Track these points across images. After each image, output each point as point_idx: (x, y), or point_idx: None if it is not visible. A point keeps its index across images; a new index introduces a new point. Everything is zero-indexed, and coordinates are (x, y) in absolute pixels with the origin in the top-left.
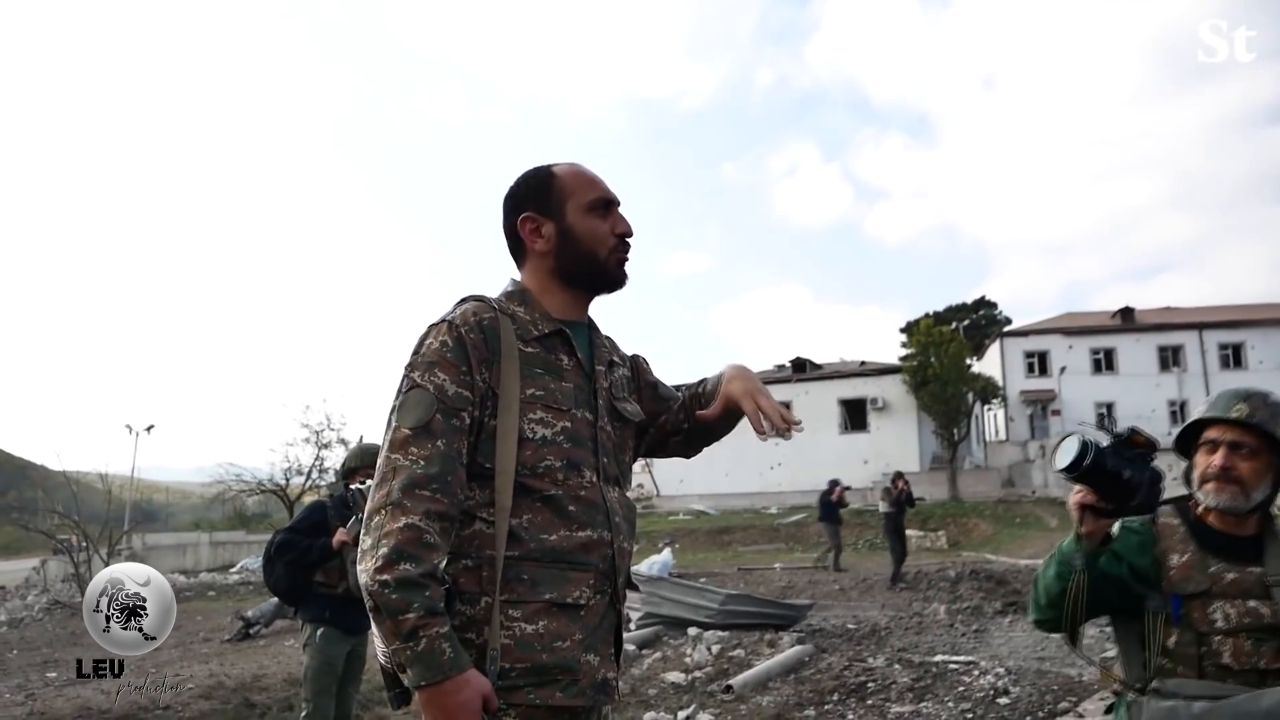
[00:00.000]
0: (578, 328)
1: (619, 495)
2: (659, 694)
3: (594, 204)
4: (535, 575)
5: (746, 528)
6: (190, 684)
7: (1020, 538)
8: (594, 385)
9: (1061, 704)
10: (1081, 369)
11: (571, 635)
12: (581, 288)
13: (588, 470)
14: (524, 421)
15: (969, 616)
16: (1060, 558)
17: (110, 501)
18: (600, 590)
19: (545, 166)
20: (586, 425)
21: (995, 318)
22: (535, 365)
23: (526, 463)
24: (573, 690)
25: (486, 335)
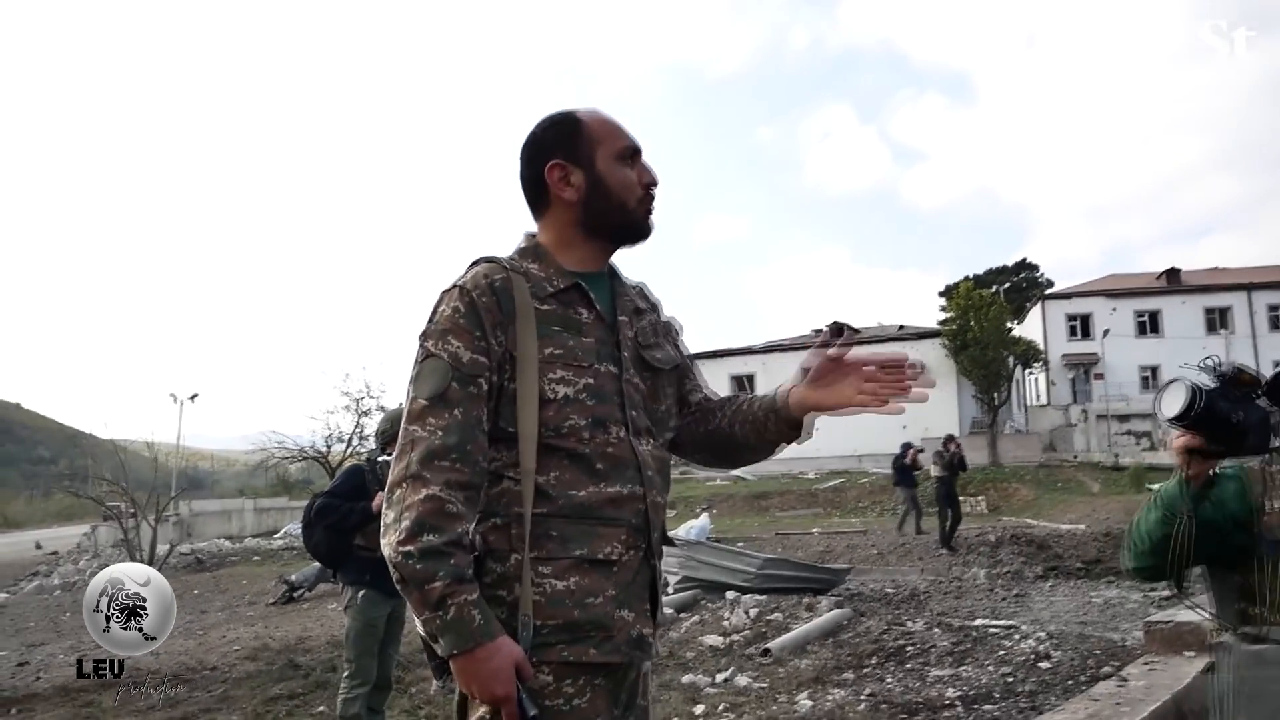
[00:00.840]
0: (597, 279)
1: (652, 448)
2: (697, 657)
3: (623, 152)
4: (565, 532)
5: (784, 493)
6: (237, 646)
7: (1062, 503)
8: (617, 336)
9: (1104, 668)
10: (1125, 331)
11: (604, 591)
12: (606, 239)
13: (614, 426)
14: (544, 382)
15: (1009, 581)
16: (1164, 502)
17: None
18: (633, 546)
19: (569, 111)
20: (611, 379)
21: (1037, 280)
22: (552, 323)
23: (549, 423)
24: (607, 646)
25: (499, 297)
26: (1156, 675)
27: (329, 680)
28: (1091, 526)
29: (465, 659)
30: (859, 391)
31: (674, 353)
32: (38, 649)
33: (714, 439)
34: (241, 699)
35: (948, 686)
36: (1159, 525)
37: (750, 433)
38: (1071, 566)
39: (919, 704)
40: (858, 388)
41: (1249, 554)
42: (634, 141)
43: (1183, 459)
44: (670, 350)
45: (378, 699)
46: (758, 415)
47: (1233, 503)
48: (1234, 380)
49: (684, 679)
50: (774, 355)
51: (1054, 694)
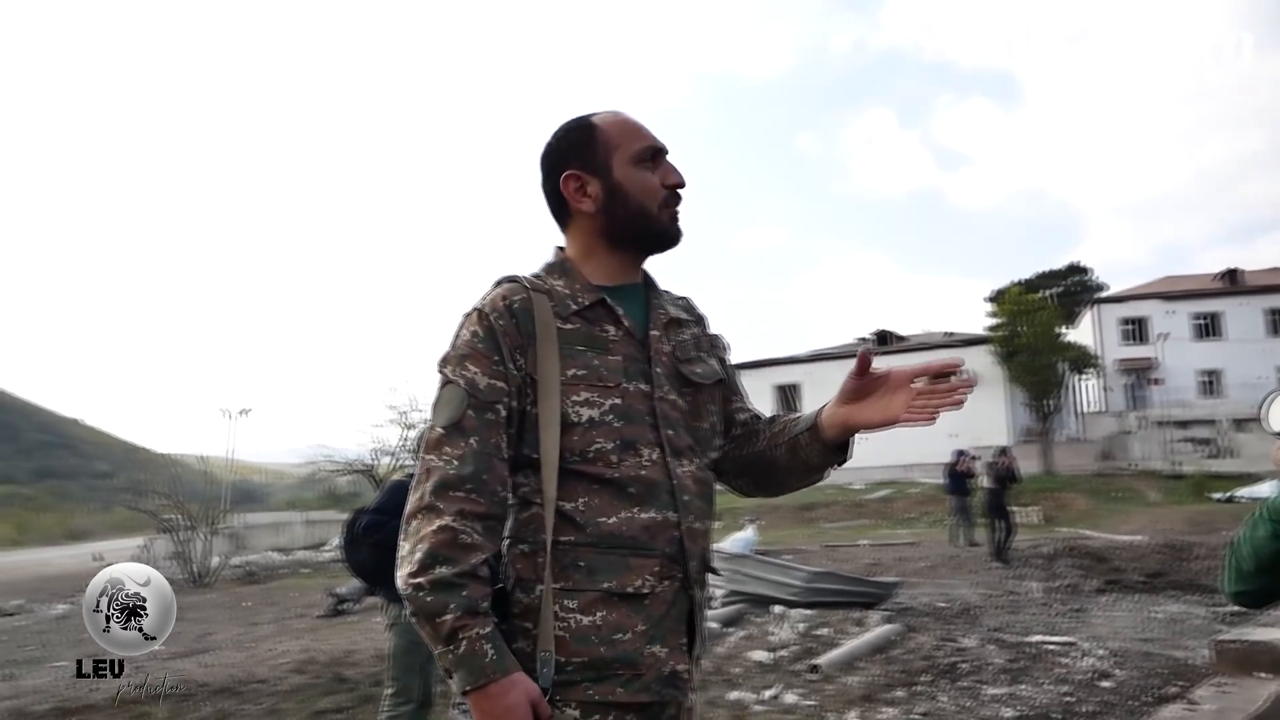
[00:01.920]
0: (627, 291)
1: (693, 469)
2: (743, 673)
3: (641, 155)
4: (593, 563)
5: (831, 504)
6: (285, 658)
7: (1120, 513)
8: (648, 352)
9: (1169, 688)
10: (1183, 335)
11: (633, 627)
12: (632, 248)
13: (645, 448)
14: (567, 404)
15: (1066, 595)
16: (1273, 515)
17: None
18: (668, 576)
19: (584, 117)
20: (641, 398)
21: (1088, 284)
22: (576, 342)
23: (574, 448)
24: (635, 685)
25: (519, 319)
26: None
27: (375, 694)
28: (1152, 537)
29: (478, 695)
30: (906, 407)
31: (718, 368)
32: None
33: (755, 463)
34: (289, 712)
35: (1004, 706)
36: (1269, 540)
37: (788, 459)
38: (1132, 580)
39: None
40: (905, 402)
41: None
42: (654, 142)
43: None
44: (714, 365)
45: (420, 717)
46: (796, 439)
47: None
48: None
49: (730, 696)
50: (819, 364)
51: (1116, 715)
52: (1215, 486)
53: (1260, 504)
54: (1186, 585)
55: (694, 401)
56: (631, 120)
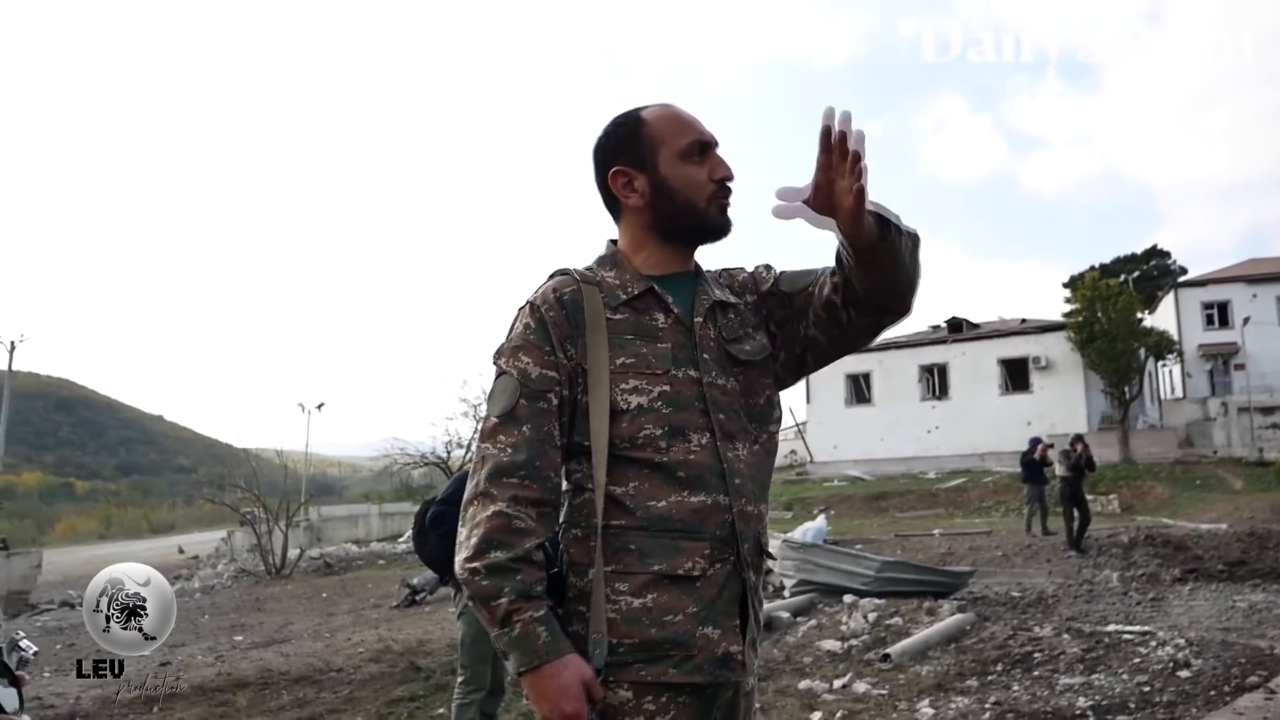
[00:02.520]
0: (678, 280)
1: (746, 452)
2: (814, 662)
3: (688, 149)
4: (644, 546)
5: (903, 493)
6: (361, 648)
7: (1201, 501)
8: (694, 338)
9: (1250, 678)
10: (1268, 319)
11: (684, 608)
12: (682, 240)
13: (695, 433)
14: (616, 392)
15: (1144, 584)
16: None
17: (286, 476)
18: (719, 559)
19: (634, 111)
20: (691, 384)
21: (1168, 268)
22: (625, 332)
23: (624, 435)
24: (687, 666)
25: (569, 310)
26: None
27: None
28: (1234, 526)
29: (533, 676)
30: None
31: (764, 342)
32: (178, 649)
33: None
34: (365, 700)
35: (1079, 695)
36: None
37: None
38: (1212, 569)
39: (1047, 713)
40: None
41: None
42: (702, 135)
43: None
44: (762, 340)
45: (491, 704)
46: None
47: None
48: None
49: (801, 685)
50: (890, 353)
51: (1195, 705)
52: None
53: None
54: (1269, 574)
55: (746, 380)
56: (680, 114)
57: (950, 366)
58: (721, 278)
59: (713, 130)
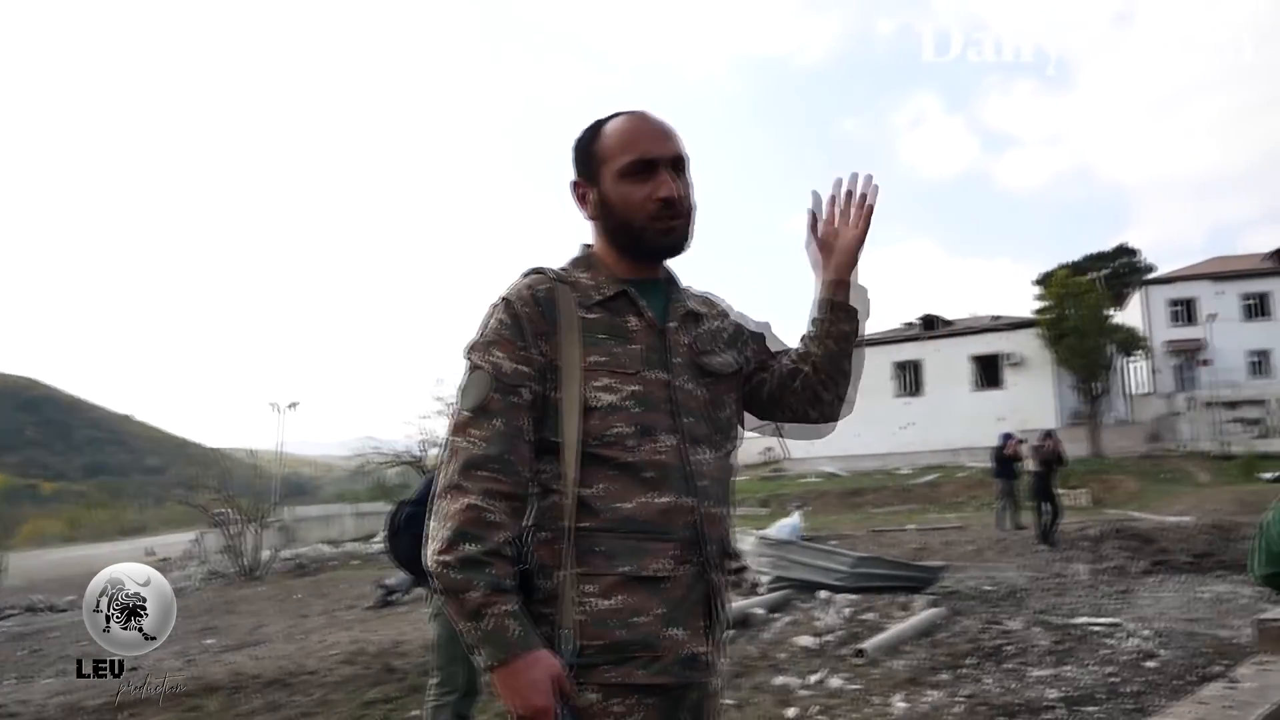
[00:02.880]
0: (650, 285)
1: (710, 457)
2: (789, 658)
3: (629, 168)
4: (611, 547)
5: (878, 489)
6: (335, 650)
7: (1168, 494)
8: (667, 342)
9: (1214, 667)
10: (1232, 315)
11: (652, 609)
12: (630, 255)
13: (663, 434)
14: (587, 390)
15: (1113, 577)
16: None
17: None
18: (685, 560)
19: (598, 122)
20: (660, 386)
21: (1136, 266)
22: (598, 331)
23: (594, 432)
24: (655, 667)
25: (543, 307)
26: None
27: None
28: (1200, 518)
29: (503, 671)
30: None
31: (735, 360)
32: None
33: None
34: (339, 703)
35: (1048, 687)
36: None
37: (820, 344)
38: (1179, 560)
39: (1019, 705)
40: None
41: None
42: (647, 153)
43: None
44: (731, 358)
45: (465, 705)
46: (814, 322)
47: None
48: None
49: (776, 681)
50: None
51: (1161, 695)
52: (1264, 466)
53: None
54: (1233, 565)
55: (714, 392)
56: (631, 129)
57: (924, 363)
58: (699, 296)
59: (683, 134)
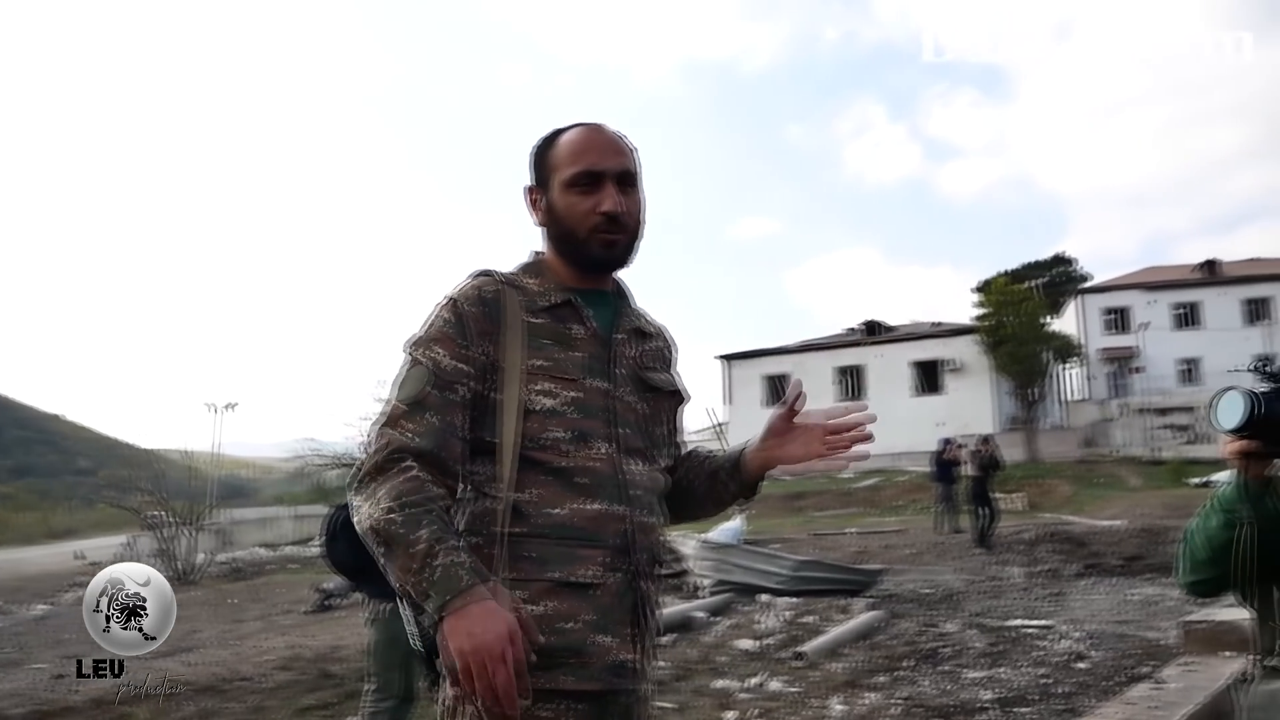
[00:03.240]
0: (595, 296)
1: (643, 468)
2: (729, 661)
3: (574, 179)
4: (543, 553)
5: (820, 493)
6: (270, 655)
7: (1101, 498)
8: (611, 353)
9: (1141, 668)
10: (1164, 325)
11: (580, 616)
12: (574, 265)
13: (599, 442)
14: (528, 393)
15: (1046, 580)
16: (1224, 505)
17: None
18: (615, 568)
19: (555, 133)
20: (599, 394)
21: (1073, 274)
22: (542, 336)
23: (530, 434)
24: (582, 674)
25: (488, 308)
26: (1193, 676)
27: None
28: (1131, 522)
29: (457, 613)
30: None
31: (673, 379)
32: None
33: (672, 493)
34: (274, 710)
35: (983, 689)
36: (1221, 530)
37: (705, 487)
38: (1110, 564)
39: (953, 707)
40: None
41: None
42: (594, 166)
43: (1240, 462)
44: (670, 377)
45: (403, 712)
46: (716, 471)
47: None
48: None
49: (716, 684)
50: (808, 355)
51: (1091, 695)
52: (1193, 472)
53: (1212, 494)
54: (1161, 568)
55: (653, 406)
56: (585, 140)
57: (866, 368)
58: (650, 320)
59: (632, 137)
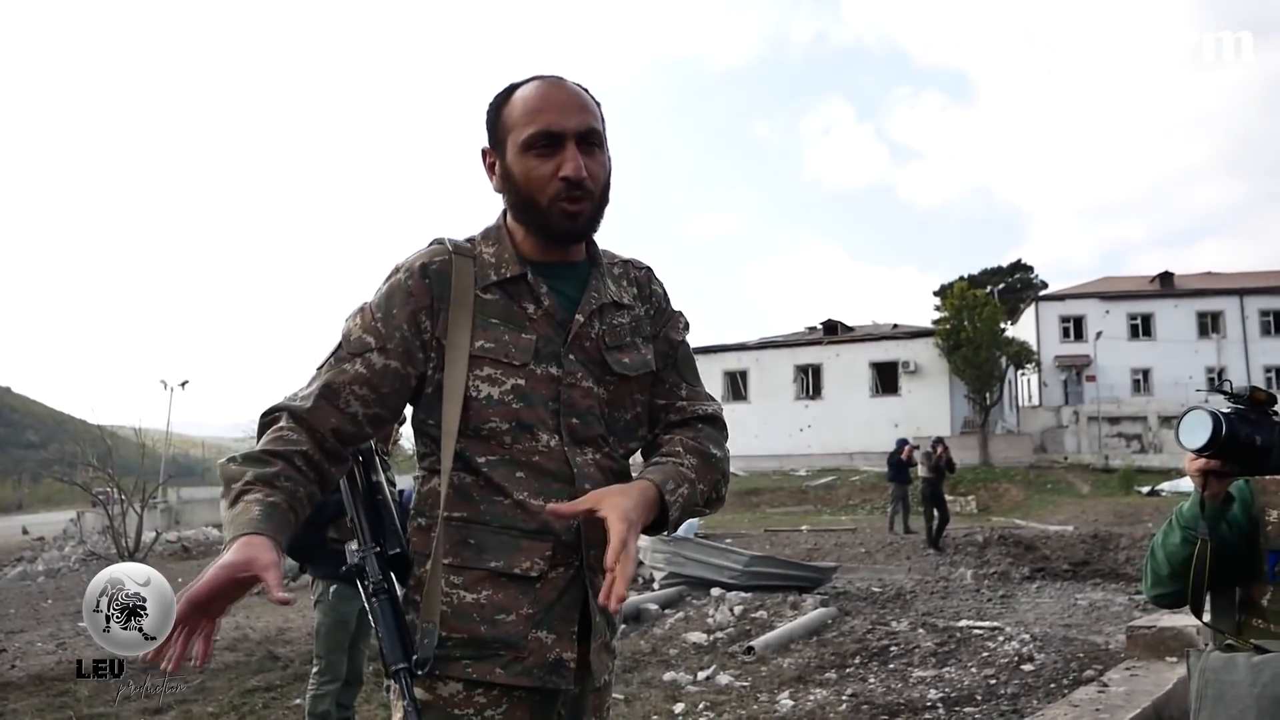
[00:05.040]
0: (562, 269)
1: (597, 459)
2: (680, 654)
3: (532, 139)
4: (483, 541)
5: (775, 490)
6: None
7: (1051, 504)
8: (567, 335)
9: (1087, 671)
10: (1118, 334)
11: (519, 609)
12: (536, 234)
13: (544, 433)
14: (470, 378)
15: (996, 582)
16: (1183, 523)
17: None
18: (562, 563)
19: (510, 88)
20: (547, 382)
21: (1031, 281)
22: (491, 314)
23: (470, 422)
24: (516, 668)
25: (432, 281)
26: (1138, 681)
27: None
28: (1080, 528)
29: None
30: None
31: (650, 357)
32: (16, 636)
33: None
34: (218, 690)
35: (930, 688)
36: (1182, 547)
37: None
38: (1058, 568)
39: (900, 705)
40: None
41: (1251, 566)
42: (553, 125)
43: (1200, 480)
44: (646, 354)
45: (348, 695)
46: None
47: (1236, 513)
48: (1250, 400)
49: (665, 676)
50: (768, 352)
51: (1036, 697)
52: (1142, 480)
53: (1173, 511)
54: (1109, 574)
55: (618, 391)
56: (543, 96)
57: (824, 367)
58: (633, 274)
59: (597, 100)
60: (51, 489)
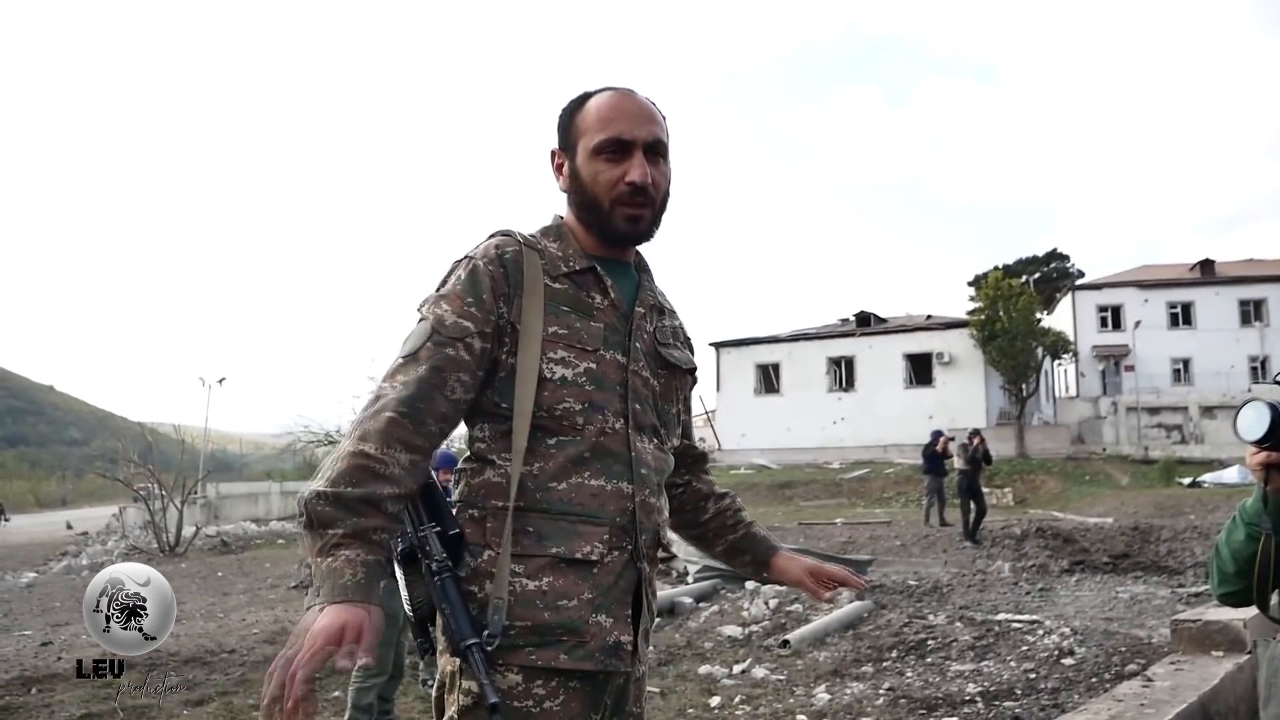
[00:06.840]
0: (617, 267)
1: (654, 446)
2: (715, 647)
3: (602, 145)
4: (542, 528)
5: (809, 483)
6: (256, 629)
7: (1090, 496)
8: (630, 326)
9: (1129, 666)
10: (1157, 323)
11: (579, 594)
12: (597, 234)
13: (612, 415)
14: (544, 361)
15: (1034, 575)
16: (1247, 519)
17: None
18: (617, 546)
19: (583, 95)
20: (616, 368)
21: (1067, 271)
22: (562, 302)
23: (543, 404)
24: (578, 653)
25: (507, 269)
26: (1183, 675)
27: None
28: (1119, 520)
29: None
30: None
31: (691, 357)
32: (62, 629)
33: (692, 530)
34: (258, 683)
35: (968, 682)
36: (1246, 544)
37: (721, 549)
38: (1098, 561)
39: (939, 699)
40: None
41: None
42: (622, 133)
43: (1261, 474)
44: (688, 356)
45: (389, 688)
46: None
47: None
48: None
49: (701, 670)
50: (799, 344)
51: (1077, 691)
52: (1183, 471)
53: (1237, 508)
54: (1150, 567)
55: (667, 384)
56: (615, 105)
57: (857, 359)
58: (660, 291)
59: (663, 114)
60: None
